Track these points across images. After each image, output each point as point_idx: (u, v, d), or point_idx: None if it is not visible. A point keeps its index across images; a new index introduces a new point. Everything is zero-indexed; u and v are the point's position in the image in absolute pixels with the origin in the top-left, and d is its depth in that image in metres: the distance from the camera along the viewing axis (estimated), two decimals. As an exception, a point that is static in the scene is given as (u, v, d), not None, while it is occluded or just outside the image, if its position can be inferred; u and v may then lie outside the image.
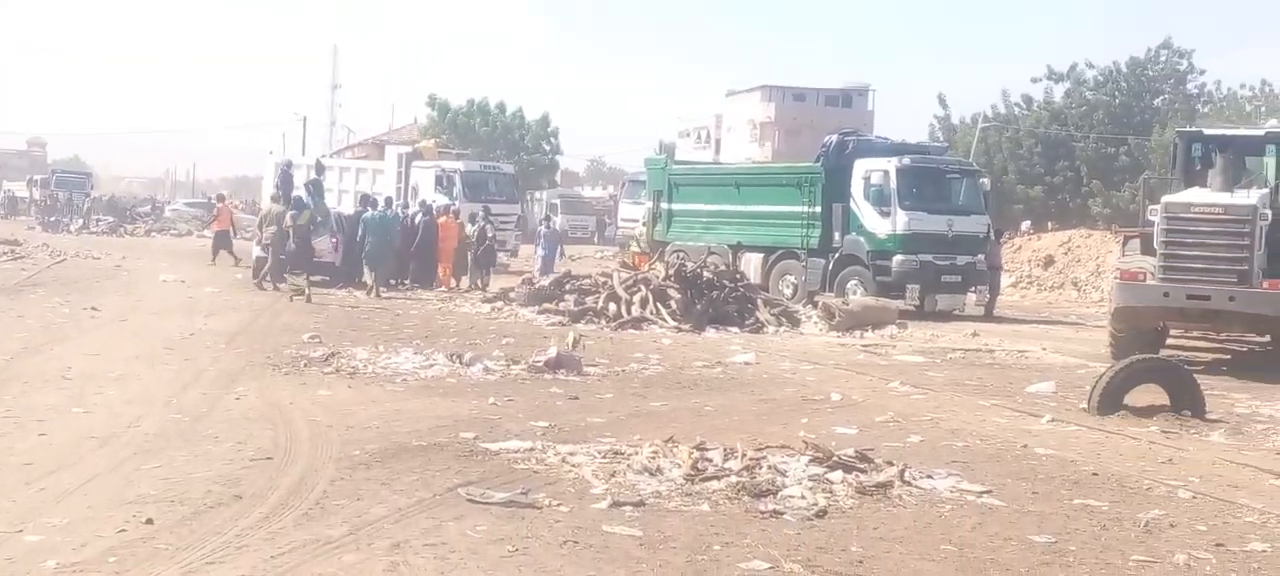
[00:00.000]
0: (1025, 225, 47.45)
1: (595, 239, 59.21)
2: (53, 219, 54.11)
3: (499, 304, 22.78)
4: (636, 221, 39.07)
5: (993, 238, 26.71)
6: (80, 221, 53.80)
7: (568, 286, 22.72)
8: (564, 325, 19.53)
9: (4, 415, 10.32)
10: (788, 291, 25.53)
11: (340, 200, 35.89)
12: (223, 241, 33.13)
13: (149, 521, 6.96)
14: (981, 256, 25.43)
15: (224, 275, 27.61)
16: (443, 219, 27.78)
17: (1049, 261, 37.43)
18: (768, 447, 9.38)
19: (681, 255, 26.13)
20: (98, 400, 11.30)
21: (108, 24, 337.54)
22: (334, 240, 26.28)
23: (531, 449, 9.48)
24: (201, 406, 11.15)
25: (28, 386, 11.88)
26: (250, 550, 6.49)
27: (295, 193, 27.21)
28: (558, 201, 62.22)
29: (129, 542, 6.56)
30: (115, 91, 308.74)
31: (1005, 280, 30.85)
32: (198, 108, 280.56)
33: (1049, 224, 48.59)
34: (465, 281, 27.45)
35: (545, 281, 23.68)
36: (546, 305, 21.61)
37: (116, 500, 7.49)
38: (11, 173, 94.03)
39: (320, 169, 33.39)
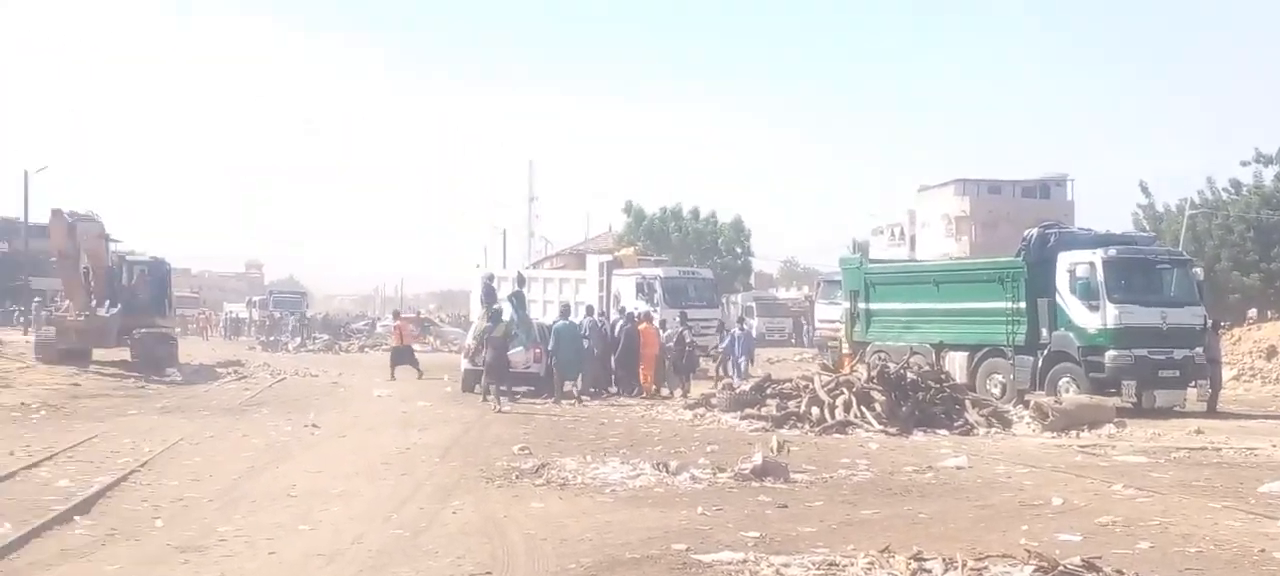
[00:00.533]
0: (1251, 313, 45.37)
1: (793, 341, 58.95)
2: (272, 338, 56.54)
3: (701, 409, 22.86)
4: (834, 322, 38.87)
5: (1210, 329, 25.60)
6: (298, 340, 56.08)
7: (769, 390, 22.67)
8: (767, 430, 19.46)
9: (235, 535, 10.76)
10: (996, 390, 24.93)
11: (545, 311, 36.71)
12: (400, 356, 34.19)
13: (376, 641, 7.17)
14: (1200, 349, 24.38)
15: (434, 389, 28.39)
16: (643, 326, 28.14)
17: (1272, 352, 35.61)
18: (988, 557, 9.13)
19: (883, 356, 25.83)
20: (322, 517, 11.71)
21: (315, 148, 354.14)
22: (536, 351, 26.84)
23: (744, 560, 9.44)
24: (420, 521, 11.46)
25: (256, 505, 12.39)
26: (476, 668, 6.62)
27: (496, 305, 27.95)
28: (753, 304, 62.31)
29: (359, 660, 6.77)
30: (326, 212, 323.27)
31: (1226, 373, 29.48)
32: (404, 224, 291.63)
33: (1269, 313, 46.38)
34: (666, 388, 27.68)
35: (746, 386, 23.68)
36: (748, 410, 21.57)
37: (346, 618, 7.74)
38: (232, 295, 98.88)
39: (522, 280, 34.19)
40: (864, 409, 20.14)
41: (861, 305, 29.47)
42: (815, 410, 20.40)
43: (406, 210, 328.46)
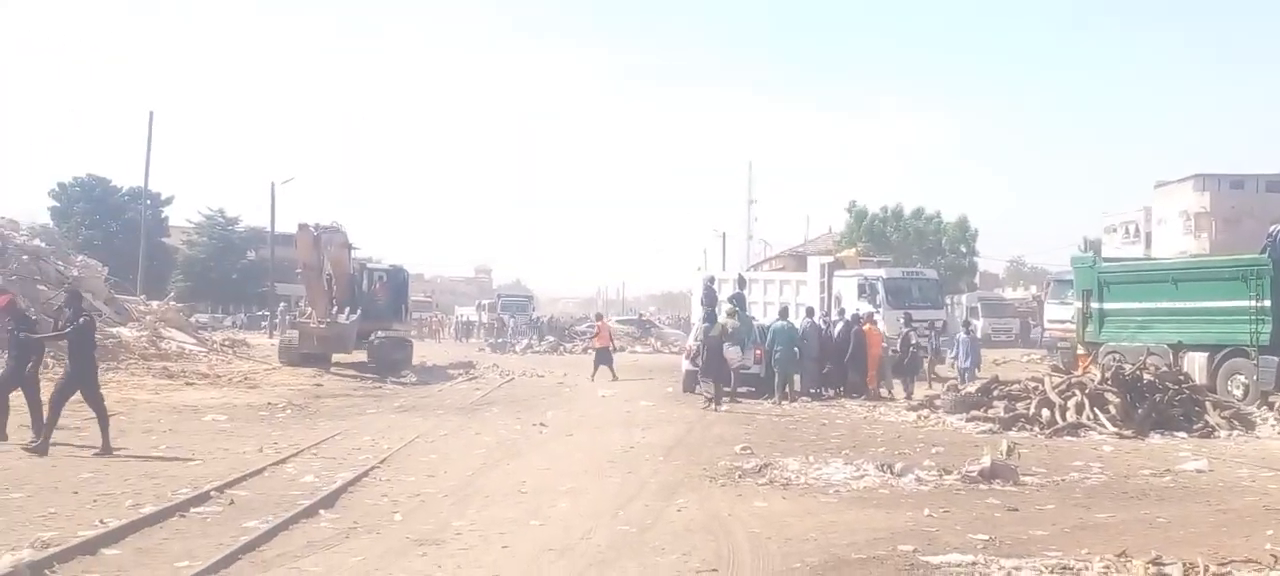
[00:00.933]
0: None
1: (1019, 342, 57.35)
2: (500, 340, 58.06)
3: (924, 412, 22.50)
4: (1064, 322, 37.68)
5: None
6: (525, 342, 57.44)
7: (996, 392, 22.15)
8: (995, 433, 19.03)
9: (469, 529, 11.12)
10: (1238, 392, 23.74)
11: (765, 312, 36.68)
12: (603, 358, 34.66)
13: (610, 631, 7.31)
14: None
15: (655, 389, 28.70)
16: (867, 327, 27.84)
17: None
18: (1232, 562, 8.76)
19: (1117, 356, 24.91)
20: (552, 513, 12.00)
21: (540, 154, 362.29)
22: (756, 352, 26.87)
23: (974, 563, 9.28)
24: (646, 518, 11.62)
25: (488, 501, 12.77)
26: (706, 661, 6.70)
27: (719, 305, 28.16)
28: (979, 304, 60.88)
29: (592, 651, 6.92)
30: (550, 218, 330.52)
31: None
32: (625, 228, 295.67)
33: None
34: (896, 388, 27.31)
35: (971, 388, 23.19)
36: (974, 412, 21.12)
37: (577, 610, 7.92)
38: (462, 299, 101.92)
39: (743, 282, 34.33)
40: (1097, 411, 19.49)
41: (1094, 305, 28.46)
42: (1045, 412, 19.83)
43: (629, 213, 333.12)
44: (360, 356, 33.10)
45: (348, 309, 32.02)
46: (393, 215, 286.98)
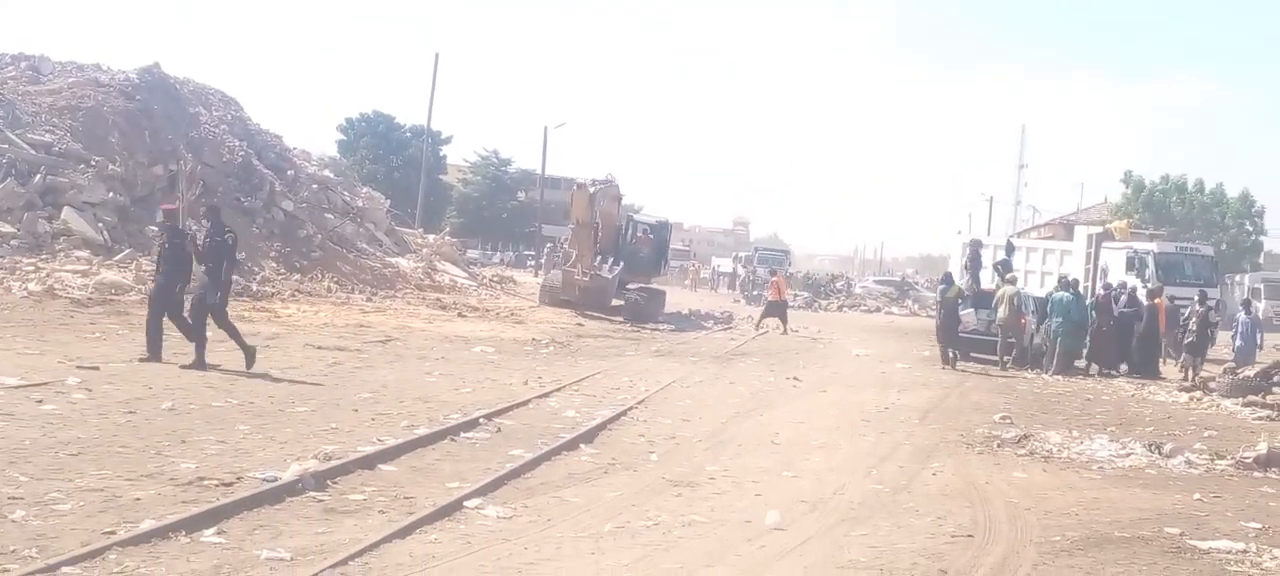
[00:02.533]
0: None
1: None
2: (756, 293, 58.13)
3: (1197, 394, 21.48)
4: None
5: None
6: (780, 297, 57.41)
7: (1276, 378, 20.95)
8: (1273, 420, 18.01)
9: (722, 474, 11.30)
10: None
11: (1026, 280, 35.58)
12: (775, 309, 34.76)
13: (862, 586, 7.36)
14: None
15: (913, 351, 28.29)
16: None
17: None
18: None
19: None
20: (804, 466, 12.07)
21: (802, 109, 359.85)
22: (1023, 321, 26.18)
23: (1244, 551, 8.91)
24: (900, 479, 11.57)
25: (742, 449, 12.93)
26: (959, 624, 6.68)
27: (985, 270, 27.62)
28: (1261, 285, 57.38)
29: (846, 605, 6.98)
30: (809, 171, 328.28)
31: None
32: (887, 188, 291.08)
33: None
34: (1188, 367, 25.94)
35: (1249, 371, 21.98)
36: (1252, 397, 20.03)
37: (830, 562, 7.99)
38: (719, 250, 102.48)
39: (1011, 249, 33.38)
40: (1390, 404, 18.22)
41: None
42: (1330, 401, 18.67)
43: (892, 173, 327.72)
44: (616, 302, 33.64)
45: (611, 260, 32.60)
46: (656, 163, 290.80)
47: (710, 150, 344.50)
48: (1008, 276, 27.02)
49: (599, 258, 32.63)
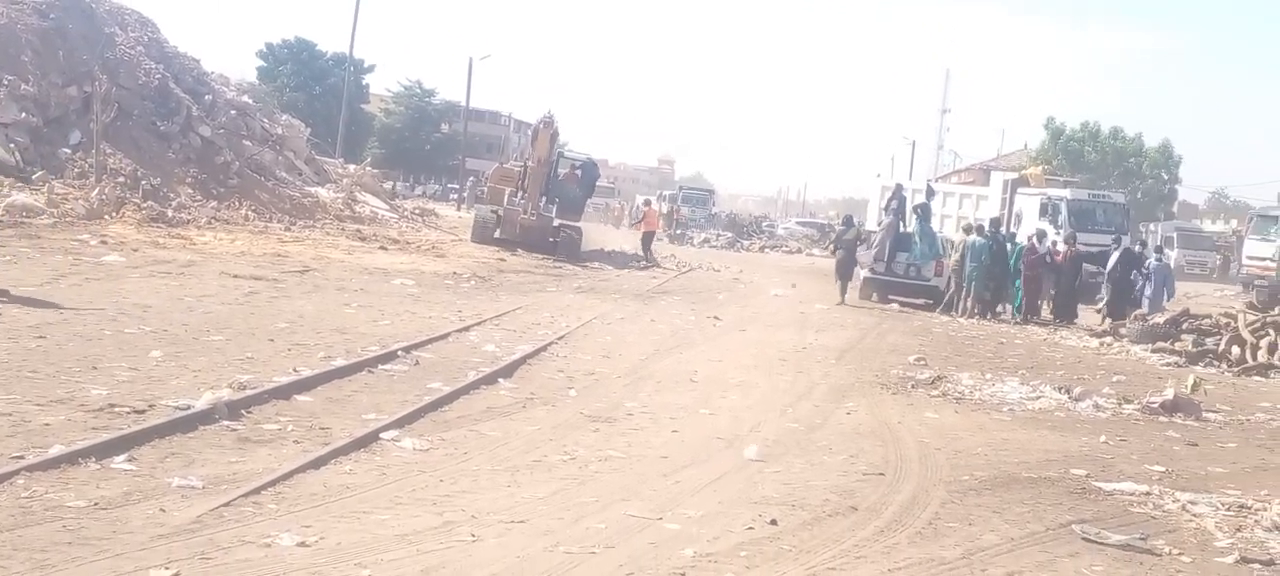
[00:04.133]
0: None
1: (1216, 277, 55.08)
2: (679, 232, 58.34)
3: (1108, 339, 21.93)
4: (1265, 260, 36.16)
5: None
6: (703, 235, 57.64)
7: (1185, 326, 21.44)
8: (1180, 366, 18.46)
9: (640, 410, 11.37)
10: None
11: (942, 225, 35.97)
12: (646, 240, 37.21)
13: (773, 522, 7.45)
14: None
15: (833, 292, 28.51)
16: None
17: None
18: None
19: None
20: (721, 404, 12.17)
21: (728, 50, 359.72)
22: (937, 264, 26.53)
23: (1147, 493, 9.15)
24: (815, 418, 11.72)
25: (660, 386, 13.00)
26: (868, 561, 6.80)
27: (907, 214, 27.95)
28: (1174, 234, 58.57)
29: (756, 540, 7.07)
30: (734, 112, 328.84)
31: None
32: (811, 130, 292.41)
33: None
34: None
35: (1159, 319, 22.46)
36: (1161, 344, 20.49)
37: (743, 499, 8.08)
38: (643, 188, 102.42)
39: (930, 192, 33.66)
40: (1291, 353, 18.72)
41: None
42: (1236, 349, 19.15)
43: (814, 115, 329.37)
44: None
45: (544, 199, 32.25)
46: (582, 97, 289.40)
47: (636, 86, 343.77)
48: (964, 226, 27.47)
49: (543, 200, 32.24)
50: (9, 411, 8.29)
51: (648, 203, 44.59)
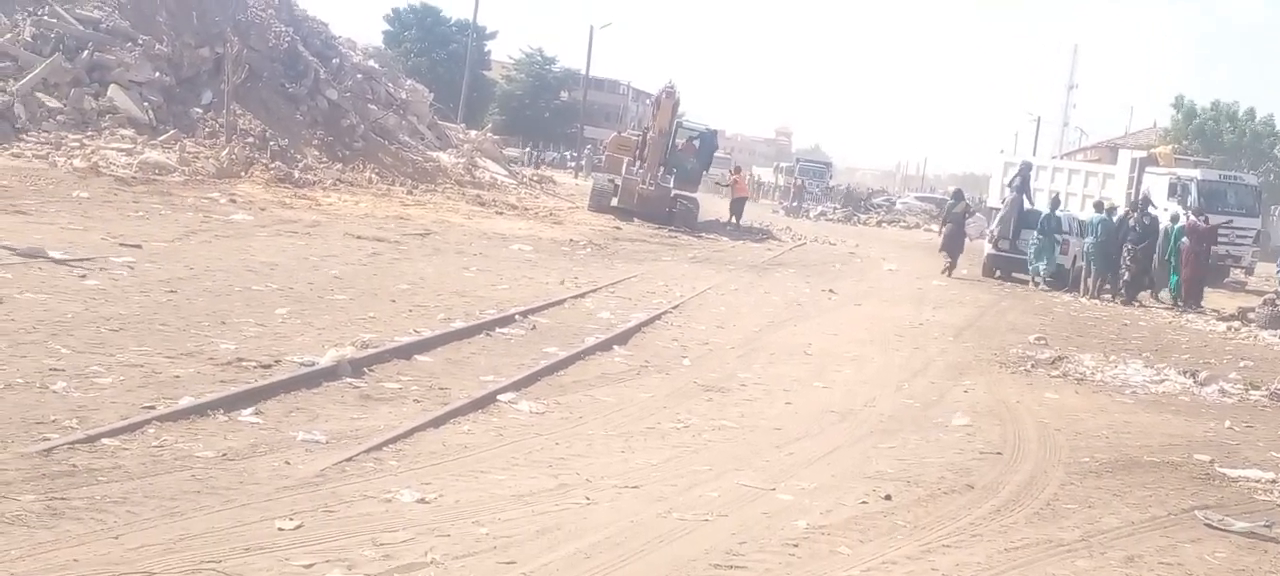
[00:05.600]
0: None
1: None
2: (795, 204, 57.95)
3: (1236, 324, 21.34)
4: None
5: None
6: (820, 208, 57.18)
7: (1317, 311, 20.80)
8: (1312, 353, 17.91)
9: (754, 382, 11.36)
10: None
11: (1065, 203, 35.20)
12: (737, 206, 38.14)
13: (887, 498, 7.41)
14: None
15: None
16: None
17: None
18: None
19: None
20: (836, 377, 12.11)
21: (849, 21, 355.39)
22: (1062, 242, 26.03)
23: (1273, 481, 8.94)
24: (931, 394, 11.60)
25: (774, 358, 12.97)
26: (984, 540, 6.73)
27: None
28: (1304, 219, 56.59)
29: (870, 515, 7.04)
30: (854, 84, 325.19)
31: None
32: (932, 104, 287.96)
33: None
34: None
35: (1291, 304, 21.79)
36: (1292, 330, 19.91)
37: (857, 473, 8.04)
38: (760, 160, 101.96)
39: (1029, 168, 33.10)
40: None
41: None
42: (1372, 338, 18.51)
43: (936, 88, 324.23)
44: None
45: (662, 169, 32.20)
46: (701, 67, 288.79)
47: (756, 58, 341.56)
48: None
49: (662, 170, 32.21)
50: (140, 363, 8.58)
51: (737, 169, 44.23)
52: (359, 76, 35.34)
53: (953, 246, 27.14)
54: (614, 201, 32.20)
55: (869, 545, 6.45)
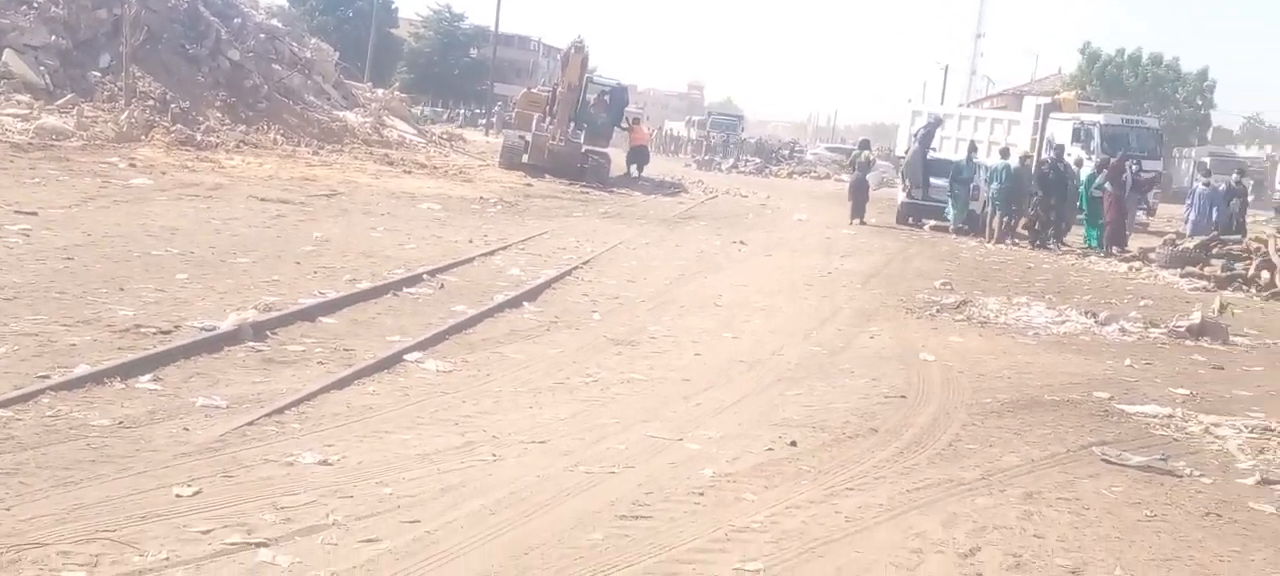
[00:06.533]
0: None
1: (1250, 203, 54.44)
2: (706, 157, 58.12)
3: (1137, 264, 21.81)
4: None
5: None
6: (731, 161, 57.38)
7: (1214, 251, 21.32)
8: (1208, 291, 18.36)
9: (665, 334, 11.39)
10: None
11: (956, 149, 35.54)
12: (638, 155, 37.34)
13: (793, 444, 7.48)
14: None
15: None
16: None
17: None
18: None
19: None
20: (745, 327, 12.18)
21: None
22: (973, 189, 26.38)
23: (1170, 415, 9.16)
24: (838, 342, 11.71)
25: (684, 310, 13.01)
26: (887, 482, 6.82)
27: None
28: (1207, 160, 57.94)
29: (776, 461, 7.10)
30: (765, 37, 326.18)
31: None
32: (842, 56, 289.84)
33: None
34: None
35: (1190, 244, 22.33)
36: (1190, 269, 20.39)
37: (763, 421, 8.10)
38: (672, 114, 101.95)
39: (936, 120, 33.62)
40: (1323, 278, 18.58)
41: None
42: (1265, 274, 19.02)
43: (845, 39, 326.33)
44: None
45: (572, 125, 32.02)
46: (609, 23, 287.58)
47: (667, 11, 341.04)
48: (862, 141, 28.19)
49: (572, 126, 32.02)
50: (35, 332, 8.38)
51: (635, 120, 43.39)
52: (262, 36, 34.69)
53: (859, 195, 27.69)
54: (525, 158, 31.96)
55: (774, 491, 6.50)
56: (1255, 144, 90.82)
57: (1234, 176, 28.52)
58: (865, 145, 31.57)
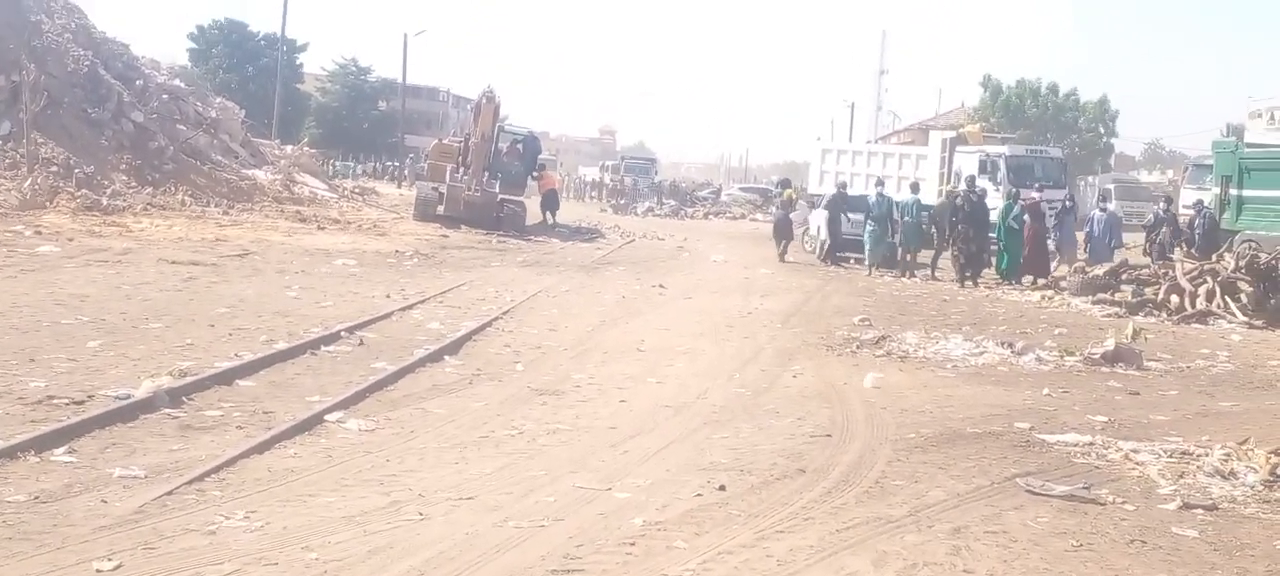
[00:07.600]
0: None
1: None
2: (622, 202, 58.23)
3: (1049, 293, 22.16)
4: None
5: None
6: (646, 205, 57.57)
7: (1124, 276, 21.74)
8: (1120, 316, 18.68)
9: (588, 382, 11.35)
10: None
11: (868, 184, 36.01)
12: (549, 201, 38.07)
13: (722, 488, 7.47)
14: None
15: (777, 257, 28.62)
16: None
17: None
18: (1361, 456, 8.57)
19: (1253, 245, 24.20)
20: (669, 372, 12.17)
21: (665, 17, 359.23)
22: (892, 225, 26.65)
23: (1091, 443, 9.27)
24: (762, 382, 11.75)
25: (608, 356, 12.98)
26: (816, 522, 6.83)
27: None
28: (1112, 186, 59.25)
29: (705, 506, 7.08)
30: (674, 81, 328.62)
31: None
32: (750, 96, 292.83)
33: None
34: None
35: (1099, 271, 22.74)
36: (1101, 296, 20.77)
37: (691, 466, 8.09)
38: (585, 159, 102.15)
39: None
40: (1228, 299, 19.00)
41: (1233, 192, 27.66)
42: (1174, 298, 19.39)
43: (754, 80, 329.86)
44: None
45: (487, 174, 31.93)
46: (519, 71, 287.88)
47: (575, 58, 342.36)
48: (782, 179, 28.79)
49: (487, 176, 31.91)
50: (-57, 408, 8.14)
51: (542, 167, 43.41)
52: (165, 97, 34.18)
53: (782, 231, 28.72)
54: (440, 209, 31.85)
55: (705, 537, 6.48)
56: (1157, 169, 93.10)
57: (1162, 205, 29.37)
58: (785, 183, 32.26)
